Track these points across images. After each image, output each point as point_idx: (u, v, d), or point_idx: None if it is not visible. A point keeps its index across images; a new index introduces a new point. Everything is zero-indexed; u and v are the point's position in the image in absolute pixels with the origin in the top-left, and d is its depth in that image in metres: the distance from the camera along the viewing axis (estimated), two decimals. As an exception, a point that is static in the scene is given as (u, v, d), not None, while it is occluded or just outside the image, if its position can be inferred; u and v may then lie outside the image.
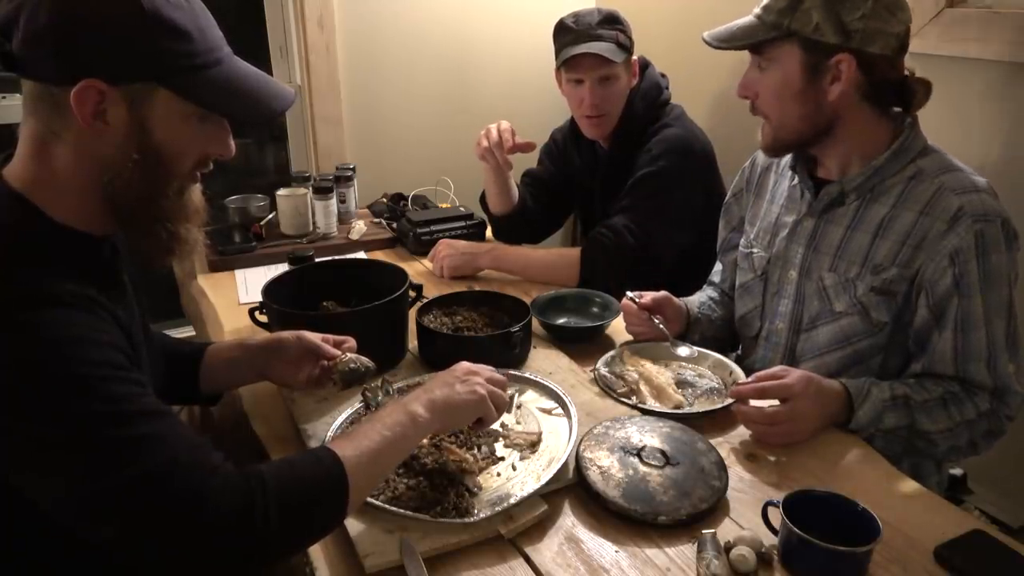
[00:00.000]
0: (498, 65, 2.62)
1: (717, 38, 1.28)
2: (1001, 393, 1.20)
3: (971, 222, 1.16)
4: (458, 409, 1.01)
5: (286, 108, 0.97)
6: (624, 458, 1.07)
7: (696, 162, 1.81)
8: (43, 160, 0.87)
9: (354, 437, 0.93)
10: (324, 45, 2.34)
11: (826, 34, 1.17)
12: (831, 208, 1.30)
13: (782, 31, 1.19)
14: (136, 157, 0.87)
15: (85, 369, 0.78)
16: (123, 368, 0.82)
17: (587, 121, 1.87)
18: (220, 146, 0.96)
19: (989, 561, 0.93)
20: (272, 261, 1.88)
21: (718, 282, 1.62)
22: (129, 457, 0.77)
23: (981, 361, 1.19)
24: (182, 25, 0.86)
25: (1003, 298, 1.19)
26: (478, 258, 1.82)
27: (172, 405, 1.38)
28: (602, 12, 1.80)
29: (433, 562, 0.92)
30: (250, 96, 0.93)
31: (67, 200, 0.88)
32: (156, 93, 0.86)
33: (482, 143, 1.86)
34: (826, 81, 1.20)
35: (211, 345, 1.24)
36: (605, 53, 1.74)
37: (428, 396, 1.00)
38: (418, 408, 0.97)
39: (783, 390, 1.15)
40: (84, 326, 0.81)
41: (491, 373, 1.07)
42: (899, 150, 1.24)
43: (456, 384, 1.02)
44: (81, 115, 0.83)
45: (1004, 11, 1.57)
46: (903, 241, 1.22)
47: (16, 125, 0.89)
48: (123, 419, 0.78)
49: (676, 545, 0.96)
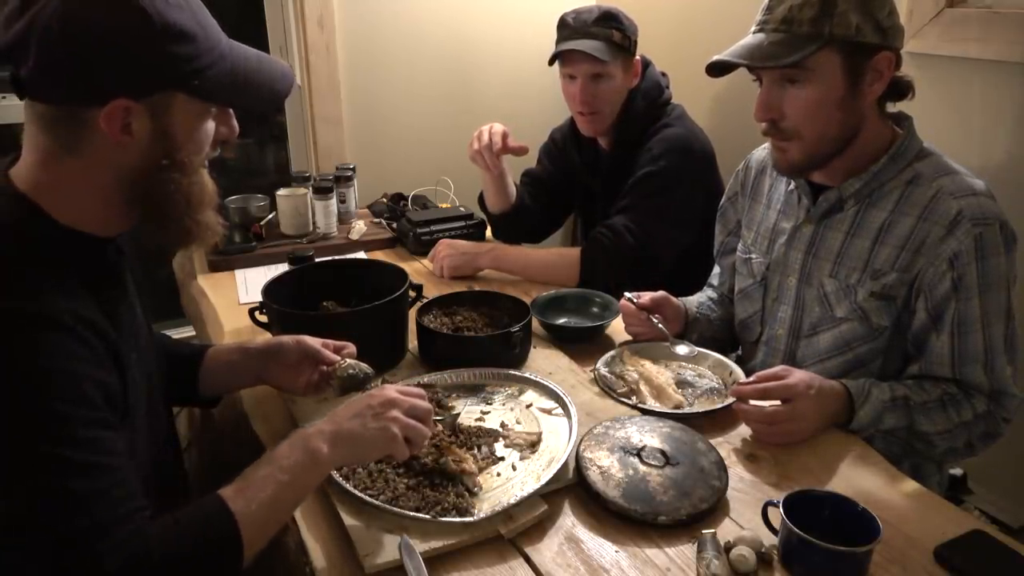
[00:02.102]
0: (498, 65, 2.62)
1: (749, 58, 1.18)
2: (998, 395, 1.20)
3: (970, 226, 1.16)
4: (365, 446, 0.96)
5: (290, 87, 0.99)
6: (624, 458, 1.07)
7: (696, 162, 1.80)
8: (51, 169, 0.87)
9: (249, 485, 0.88)
10: (324, 45, 2.34)
11: (867, 34, 1.14)
12: (830, 214, 1.30)
13: (823, 39, 1.13)
14: (165, 162, 0.89)
15: (52, 406, 0.78)
16: (96, 408, 0.81)
17: (580, 117, 1.88)
18: (228, 129, 0.97)
19: (989, 561, 0.93)
20: (272, 261, 1.88)
21: (717, 285, 1.62)
22: (45, 510, 0.76)
23: (978, 363, 1.19)
24: (188, 28, 0.86)
25: (1001, 301, 1.19)
26: (478, 258, 1.82)
27: (172, 406, 1.39)
28: (602, 9, 1.80)
29: (433, 562, 0.92)
30: (254, 81, 0.94)
31: (73, 203, 0.88)
32: (175, 98, 0.87)
33: (473, 145, 1.87)
34: (866, 83, 1.18)
35: (211, 348, 1.24)
36: (592, 51, 1.74)
37: (333, 429, 0.95)
38: (320, 444, 0.92)
39: (785, 390, 1.15)
40: (72, 357, 0.80)
41: (413, 403, 1.00)
42: (896, 154, 1.23)
43: (368, 418, 0.96)
44: (111, 132, 0.84)
45: (1004, 11, 1.57)
46: (902, 246, 1.21)
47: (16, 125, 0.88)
48: (61, 470, 0.77)
49: (676, 545, 0.96)
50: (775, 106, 1.21)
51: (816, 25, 1.13)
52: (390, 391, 1.00)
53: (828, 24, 1.13)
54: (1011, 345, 1.21)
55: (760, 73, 1.22)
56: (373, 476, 1.04)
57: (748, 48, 1.19)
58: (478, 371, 1.31)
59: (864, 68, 1.17)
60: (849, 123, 1.21)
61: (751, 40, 1.20)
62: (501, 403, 1.25)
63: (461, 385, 1.30)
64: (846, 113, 1.19)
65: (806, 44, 1.14)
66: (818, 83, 1.17)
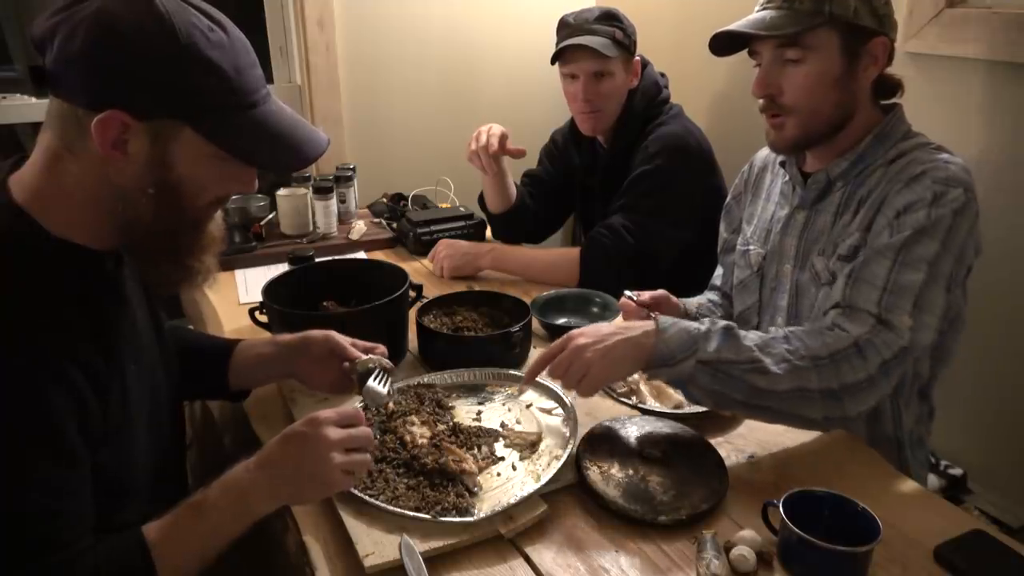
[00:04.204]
0: (499, 65, 2.62)
1: (753, 26, 1.20)
2: (885, 324, 1.09)
3: (930, 182, 1.14)
4: (303, 494, 0.95)
5: (317, 156, 0.93)
6: (624, 458, 1.07)
7: (693, 160, 1.81)
8: (53, 173, 0.86)
9: (176, 534, 0.87)
10: (324, 45, 2.34)
11: (864, 18, 1.17)
12: (821, 199, 1.30)
13: (824, 16, 1.17)
14: (151, 191, 0.85)
15: (14, 446, 0.78)
16: (60, 448, 0.81)
17: (581, 115, 1.88)
18: (242, 186, 0.93)
19: (989, 561, 0.93)
20: (272, 261, 1.88)
21: (719, 285, 1.62)
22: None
23: (875, 290, 1.11)
24: (218, 64, 0.83)
25: (931, 252, 1.11)
26: (478, 258, 1.82)
27: (197, 400, 1.38)
28: (602, 9, 1.81)
29: (433, 562, 0.92)
30: (279, 143, 0.90)
31: (71, 214, 0.87)
32: (182, 131, 0.84)
33: (471, 145, 1.87)
34: (861, 67, 1.21)
35: (242, 341, 1.23)
36: (597, 46, 1.74)
37: (270, 483, 0.91)
38: (257, 501, 0.91)
39: (555, 348, 1.12)
40: (44, 393, 0.80)
41: (348, 435, 0.95)
42: (881, 134, 1.24)
43: (304, 466, 0.92)
44: (100, 143, 0.81)
45: (1004, 11, 1.57)
46: (869, 206, 1.21)
47: (16, 125, 0.88)
48: (12, 514, 0.78)
49: (676, 545, 0.96)
50: (774, 82, 1.24)
51: (817, 3, 1.17)
52: (324, 427, 0.94)
53: (828, 3, 1.17)
54: (923, 303, 1.10)
55: (761, 51, 1.24)
56: (373, 476, 1.04)
57: (751, 21, 1.23)
58: (478, 371, 1.31)
59: (860, 51, 1.20)
60: (843, 103, 1.23)
61: (754, 15, 1.23)
62: (501, 403, 1.25)
63: (461, 385, 1.30)
64: (841, 93, 1.22)
65: (807, 19, 1.18)
66: (816, 61, 1.20)
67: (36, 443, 0.80)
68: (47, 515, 0.80)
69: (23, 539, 0.79)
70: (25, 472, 0.79)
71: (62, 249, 0.87)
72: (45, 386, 0.80)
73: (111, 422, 0.88)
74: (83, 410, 0.83)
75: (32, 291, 0.83)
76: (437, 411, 1.20)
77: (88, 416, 0.84)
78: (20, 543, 0.79)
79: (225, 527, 0.90)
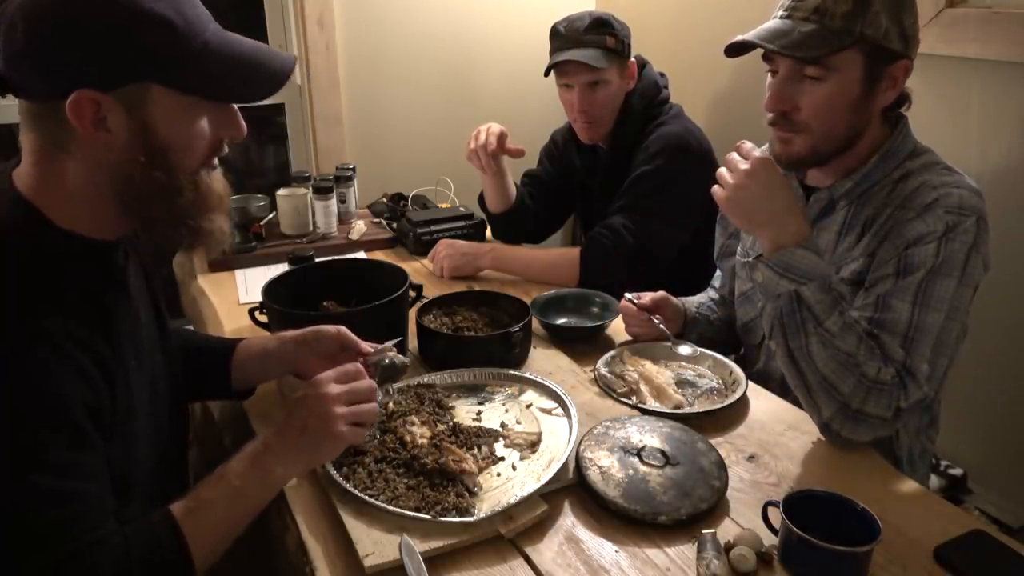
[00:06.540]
0: (499, 65, 2.62)
1: (777, 42, 1.13)
2: (908, 373, 1.11)
3: (942, 212, 1.11)
4: (315, 452, 0.98)
5: (286, 76, 0.92)
6: (624, 458, 1.07)
7: (693, 160, 1.81)
8: (50, 171, 0.86)
9: (200, 506, 0.89)
10: (324, 44, 2.34)
11: (892, 40, 1.12)
12: (823, 216, 1.28)
13: (854, 37, 1.10)
14: (142, 159, 0.85)
15: (32, 430, 0.78)
16: (78, 430, 0.82)
17: (578, 125, 1.89)
18: (230, 128, 0.92)
19: (989, 561, 0.93)
20: (272, 261, 1.88)
21: (718, 287, 1.62)
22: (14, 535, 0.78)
23: (897, 336, 1.11)
24: (162, 15, 0.82)
25: (949, 290, 1.10)
26: (478, 258, 1.82)
27: (200, 401, 1.38)
28: (592, 16, 1.80)
29: (433, 562, 0.92)
30: (244, 70, 0.89)
31: (76, 207, 0.87)
32: (151, 91, 0.83)
33: (470, 144, 1.87)
34: (881, 89, 1.16)
35: (243, 340, 1.23)
36: (588, 60, 1.74)
37: (281, 444, 0.95)
38: (271, 463, 0.94)
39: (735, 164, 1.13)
40: (59, 378, 0.80)
41: (351, 388, 0.99)
42: (887, 153, 1.21)
43: (310, 423, 0.96)
44: (81, 126, 0.81)
45: (1004, 11, 1.57)
46: (875, 232, 1.18)
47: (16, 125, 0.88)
48: (33, 497, 0.78)
49: (676, 545, 0.96)
50: (789, 98, 1.18)
51: (848, 21, 1.10)
52: (324, 386, 0.98)
53: (860, 23, 1.10)
54: (939, 346, 1.11)
55: (779, 62, 1.18)
56: (373, 476, 1.04)
57: (774, 33, 1.15)
58: (478, 371, 1.31)
59: (882, 74, 1.15)
60: (856, 125, 1.19)
61: (779, 25, 1.16)
62: (501, 403, 1.25)
63: (461, 385, 1.30)
64: (856, 115, 1.17)
65: (837, 39, 1.11)
66: (837, 82, 1.14)
67: (51, 427, 0.80)
68: (68, 497, 0.80)
69: (47, 523, 0.79)
70: (41, 456, 0.79)
71: (68, 241, 0.87)
72: (58, 371, 0.80)
73: (117, 415, 0.89)
74: (95, 396, 0.84)
75: (43, 281, 0.83)
76: (437, 411, 1.20)
77: (99, 403, 0.85)
78: (43, 527, 0.79)
79: (248, 493, 0.92)
